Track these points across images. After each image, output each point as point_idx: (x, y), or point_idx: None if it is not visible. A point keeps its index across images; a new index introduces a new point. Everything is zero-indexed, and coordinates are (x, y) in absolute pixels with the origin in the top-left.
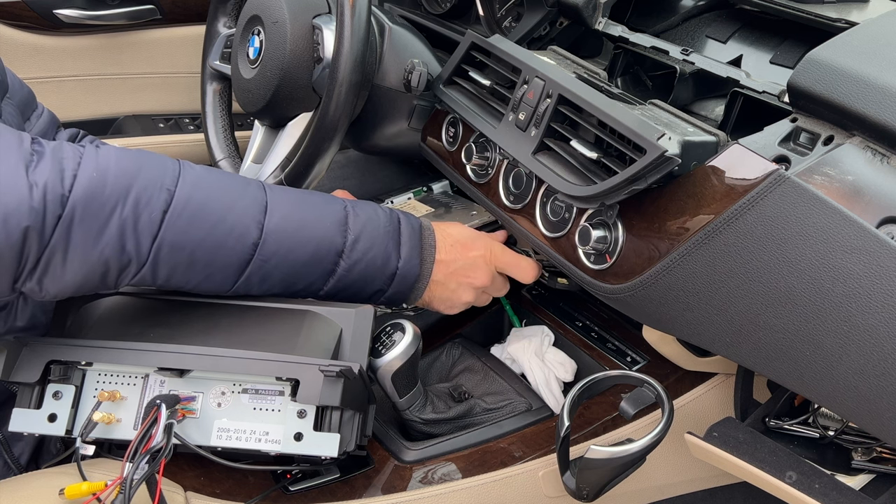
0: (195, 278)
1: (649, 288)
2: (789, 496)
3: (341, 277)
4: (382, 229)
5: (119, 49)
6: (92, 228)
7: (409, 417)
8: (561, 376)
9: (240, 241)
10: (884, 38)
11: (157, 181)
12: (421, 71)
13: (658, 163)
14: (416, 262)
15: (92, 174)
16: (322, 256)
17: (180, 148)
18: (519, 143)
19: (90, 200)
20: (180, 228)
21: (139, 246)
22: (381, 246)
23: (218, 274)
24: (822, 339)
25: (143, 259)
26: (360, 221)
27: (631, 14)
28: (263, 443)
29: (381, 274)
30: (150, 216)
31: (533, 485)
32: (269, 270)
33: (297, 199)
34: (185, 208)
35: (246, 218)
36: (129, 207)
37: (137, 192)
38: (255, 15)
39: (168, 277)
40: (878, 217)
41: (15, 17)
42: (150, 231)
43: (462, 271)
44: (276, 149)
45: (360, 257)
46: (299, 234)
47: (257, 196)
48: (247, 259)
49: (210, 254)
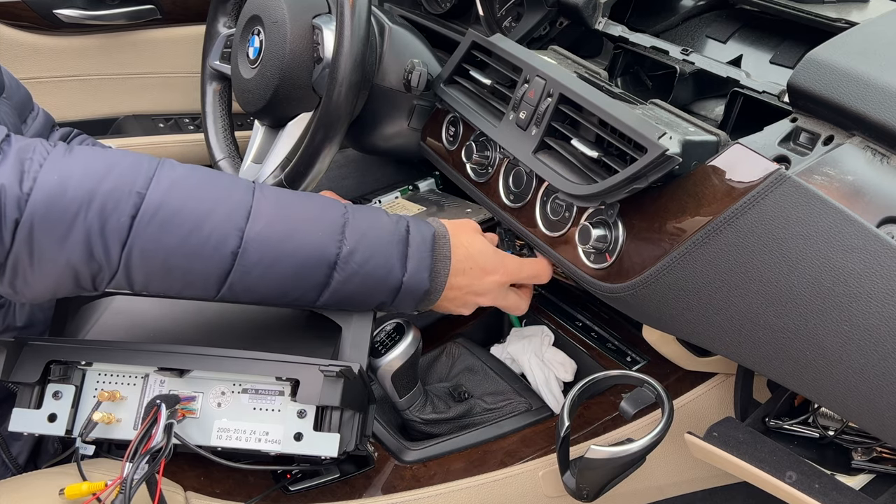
0: (175, 286)
1: (649, 287)
2: (789, 496)
3: (336, 290)
4: (385, 238)
5: (119, 49)
6: (55, 233)
7: (409, 417)
8: (561, 376)
9: (217, 249)
10: (884, 38)
11: (126, 185)
12: (421, 71)
13: (659, 162)
14: (426, 276)
15: (52, 177)
16: (312, 268)
17: (180, 148)
18: (519, 141)
19: (50, 205)
20: (151, 235)
21: (108, 252)
22: (382, 257)
23: (198, 282)
24: (822, 339)
25: (113, 266)
26: (359, 229)
27: (631, 14)
28: (263, 443)
29: (382, 286)
30: (118, 221)
31: (533, 485)
32: (254, 281)
33: (287, 203)
34: (155, 214)
35: (226, 224)
36: (94, 212)
37: (103, 197)
38: (255, 15)
39: (145, 284)
40: (878, 217)
41: (15, 16)
42: (118, 237)
43: (473, 293)
44: (275, 149)
45: (357, 269)
46: (285, 244)
47: (242, 200)
48: (226, 269)
49: (186, 261)
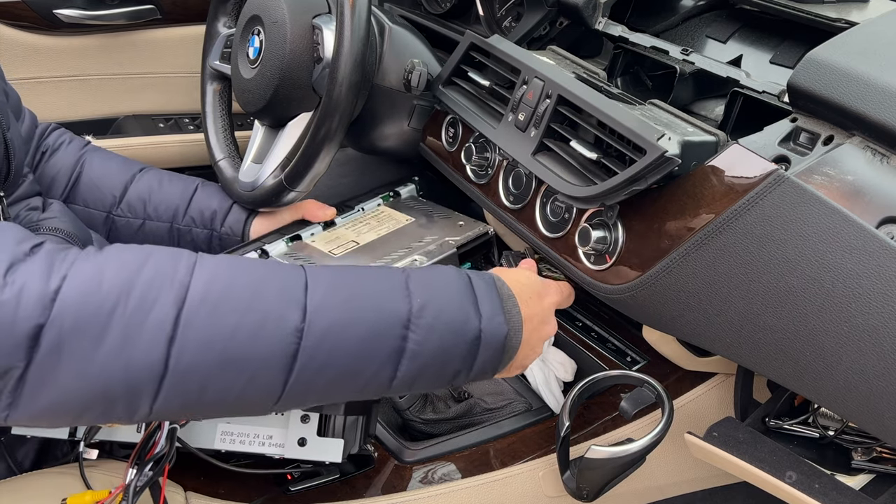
0: (236, 385)
1: (649, 288)
2: (789, 496)
3: (414, 355)
4: (454, 286)
5: (119, 49)
6: (88, 335)
7: (409, 417)
8: (561, 376)
9: (279, 327)
10: (884, 38)
11: (167, 271)
12: (421, 71)
13: (658, 163)
14: (501, 319)
15: (86, 270)
16: (385, 329)
17: (180, 148)
18: (518, 143)
19: (84, 302)
20: (202, 324)
21: (149, 354)
22: (456, 305)
23: (262, 374)
24: (821, 340)
25: (156, 373)
26: (423, 282)
27: (631, 14)
28: (267, 447)
29: (461, 341)
30: (162, 313)
31: (533, 485)
32: (323, 361)
33: (341, 272)
34: (205, 299)
35: (283, 300)
36: (134, 304)
37: (144, 286)
38: (255, 15)
39: (201, 392)
40: (877, 217)
41: (15, 16)
42: (163, 332)
43: (542, 324)
44: (275, 149)
45: (433, 323)
46: (351, 308)
47: (293, 272)
48: (292, 350)
49: (246, 348)
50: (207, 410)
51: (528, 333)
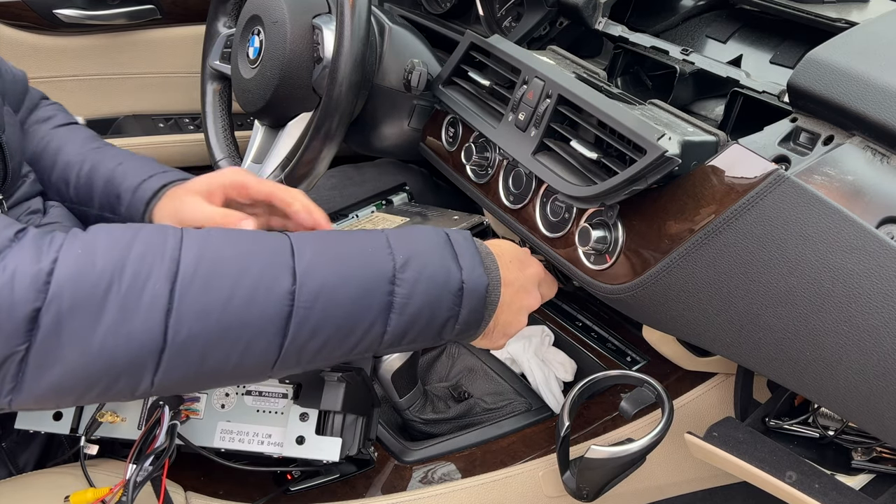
0: (234, 352)
1: (649, 288)
2: (789, 496)
3: (403, 309)
4: (433, 241)
5: (119, 49)
6: (86, 315)
7: (409, 417)
8: (561, 376)
9: (271, 290)
10: (884, 38)
11: (157, 247)
12: (421, 71)
13: (658, 163)
14: (481, 271)
15: (76, 251)
16: (373, 285)
17: (180, 148)
18: (519, 143)
19: (79, 281)
20: (197, 295)
21: (150, 328)
22: (437, 259)
23: (259, 339)
24: (822, 340)
25: (157, 345)
26: (403, 241)
27: (631, 14)
28: (266, 445)
29: (445, 293)
30: (155, 288)
31: (533, 485)
32: (318, 320)
33: (325, 235)
34: (196, 271)
35: (272, 266)
36: (128, 281)
37: (135, 264)
38: (255, 15)
39: (200, 362)
40: (877, 217)
41: (15, 16)
42: (160, 305)
43: (523, 291)
44: (275, 149)
45: (417, 277)
46: (339, 266)
47: (278, 240)
48: (286, 311)
49: (242, 314)
50: (207, 380)
51: (510, 297)
